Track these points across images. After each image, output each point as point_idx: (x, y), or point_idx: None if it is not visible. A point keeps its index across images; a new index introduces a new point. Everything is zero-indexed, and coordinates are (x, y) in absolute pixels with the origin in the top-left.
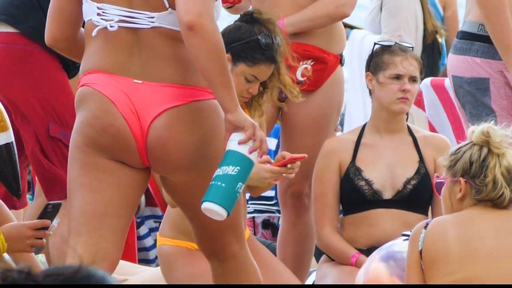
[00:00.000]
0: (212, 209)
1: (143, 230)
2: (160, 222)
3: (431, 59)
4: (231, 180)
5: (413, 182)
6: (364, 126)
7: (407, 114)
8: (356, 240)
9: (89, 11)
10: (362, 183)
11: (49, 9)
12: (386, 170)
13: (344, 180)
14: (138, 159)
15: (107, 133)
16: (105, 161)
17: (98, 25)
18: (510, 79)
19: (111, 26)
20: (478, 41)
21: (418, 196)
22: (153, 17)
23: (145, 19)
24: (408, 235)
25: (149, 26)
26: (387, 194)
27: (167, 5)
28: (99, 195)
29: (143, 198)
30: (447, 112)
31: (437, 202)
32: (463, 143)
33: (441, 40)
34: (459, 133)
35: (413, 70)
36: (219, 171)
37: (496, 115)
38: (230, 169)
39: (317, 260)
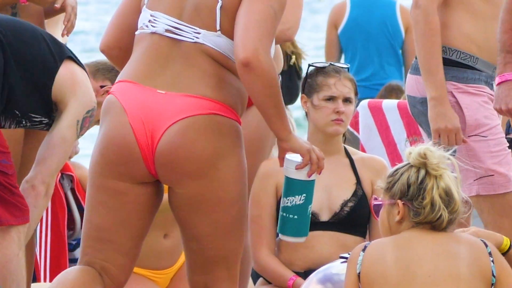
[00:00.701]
0: (291, 241)
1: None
2: None
3: (289, 82)
4: (302, 209)
5: (350, 204)
6: None
7: (344, 135)
8: (293, 263)
9: (143, 18)
10: None
11: (112, 16)
12: (323, 192)
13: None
14: (144, 168)
15: (114, 143)
16: (115, 183)
17: (145, 30)
18: (459, 99)
19: (154, 31)
20: None
21: (355, 218)
22: (199, 33)
23: (191, 33)
24: (346, 258)
25: (192, 40)
26: (324, 216)
27: (218, 27)
28: (106, 219)
29: (79, 219)
30: (382, 135)
31: (374, 224)
32: (400, 164)
33: (299, 63)
34: (394, 157)
35: (347, 92)
36: (286, 202)
37: None
38: (298, 199)
39: (254, 283)
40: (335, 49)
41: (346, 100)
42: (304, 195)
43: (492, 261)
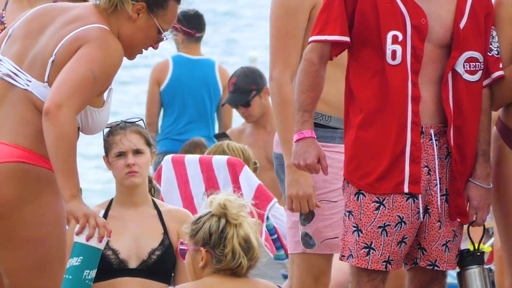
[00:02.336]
0: None
1: None
2: None
3: None
4: (76, 271)
5: (157, 252)
6: (112, 199)
7: (152, 188)
8: None
9: None
10: (109, 252)
11: None
12: (132, 241)
13: None
14: None
15: None
16: None
17: None
18: None
19: None
20: None
21: (162, 266)
22: (30, 81)
23: (24, 80)
24: None
25: (23, 87)
26: (133, 263)
27: (46, 79)
28: None
29: None
30: (180, 189)
31: (180, 272)
32: (203, 212)
33: None
34: (190, 210)
35: (134, 144)
36: (68, 264)
37: None
38: (75, 260)
39: None
40: (156, 105)
41: (137, 152)
42: (81, 257)
43: None
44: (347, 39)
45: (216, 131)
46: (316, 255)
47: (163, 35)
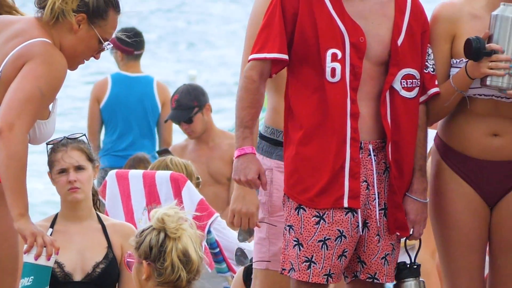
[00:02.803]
0: None
1: None
2: None
3: None
4: None
5: (101, 265)
6: (57, 213)
7: (98, 202)
8: None
9: None
10: (55, 265)
11: None
12: (76, 254)
13: None
14: None
15: None
16: None
17: None
18: (274, 178)
19: None
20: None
21: (106, 279)
22: None
23: None
24: None
25: None
26: (77, 276)
27: None
28: None
29: None
30: (123, 203)
31: (124, 282)
32: (146, 225)
33: None
34: (132, 224)
35: (76, 161)
36: (20, 284)
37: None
38: (26, 281)
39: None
40: (97, 121)
41: (78, 168)
42: (32, 277)
43: None
44: (286, 56)
45: (157, 147)
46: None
47: (104, 45)
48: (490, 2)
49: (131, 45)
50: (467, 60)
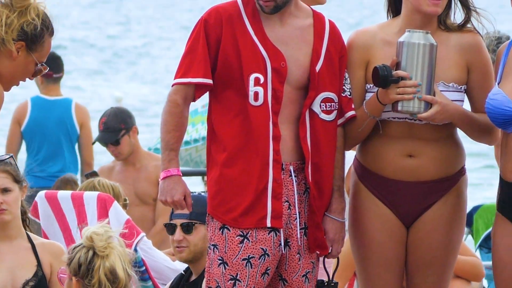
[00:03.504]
0: None
1: None
2: None
3: None
4: None
5: (31, 283)
6: None
7: (28, 221)
8: None
9: None
10: None
11: None
12: (7, 273)
13: None
14: None
15: None
16: None
17: None
18: None
19: None
20: None
21: None
22: None
23: None
24: None
25: None
26: None
27: None
28: None
29: None
30: (59, 222)
31: None
32: (78, 243)
33: None
34: (69, 241)
35: (2, 183)
36: None
37: None
38: None
39: None
40: (16, 142)
41: (4, 190)
42: None
43: None
44: (210, 81)
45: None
46: None
47: (38, 66)
48: (402, 28)
49: (50, 68)
50: None
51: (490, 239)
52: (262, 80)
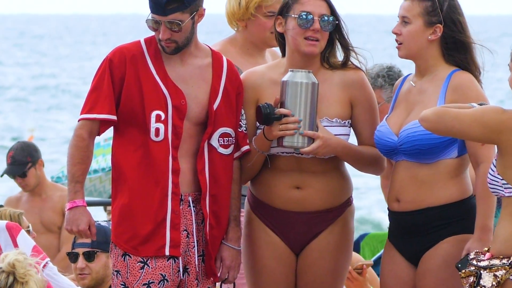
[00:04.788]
0: None
1: None
2: None
3: None
4: None
5: None
6: None
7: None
8: None
9: None
10: None
11: None
12: None
13: None
14: None
15: None
16: None
17: None
18: None
19: None
20: None
21: None
22: None
23: None
24: None
25: None
26: None
27: None
28: None
29: None
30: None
31: None
32: None
33: None
34: None
35: None
36: None
37: None
38: None
39: None
40: None
41: None
42: None
43: None
44: (114, 117)
45: None
46: None
47: None
48: (287, 68)
49: None
50: None
51: (376, 266)
52: (163, 117)
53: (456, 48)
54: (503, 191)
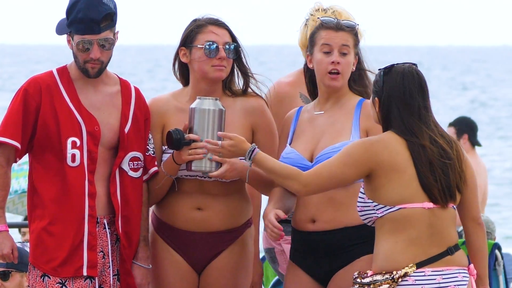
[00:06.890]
0: None
1: None
2: None
3: None
4: None
5: None
6: None
7: None
8: None
9: None
10: None
11: None
12: None
13: None
14: None
15: None
16: None
17: None
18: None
19: None
20: None
21: None
22: None
23: None
24: None
25: None
26: None
27: None
28: None
29: None
30: None
31: None
32: None
33: None
34: None
35: None
36: None
37: None
38: None
39: None
40: None
41: None
42: None
43: None
44: (17, 143)
45: None
46: None
47: None
48: (192, 96)
49: None
50: None
51: (279, 286)
52: (78, 143)
53: (359, 78)
54: (375, 213)
